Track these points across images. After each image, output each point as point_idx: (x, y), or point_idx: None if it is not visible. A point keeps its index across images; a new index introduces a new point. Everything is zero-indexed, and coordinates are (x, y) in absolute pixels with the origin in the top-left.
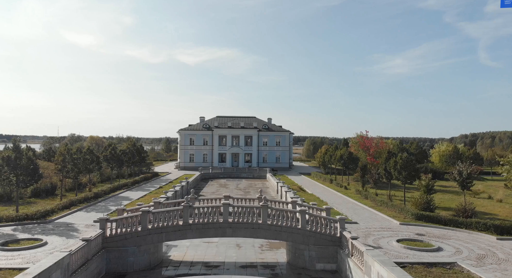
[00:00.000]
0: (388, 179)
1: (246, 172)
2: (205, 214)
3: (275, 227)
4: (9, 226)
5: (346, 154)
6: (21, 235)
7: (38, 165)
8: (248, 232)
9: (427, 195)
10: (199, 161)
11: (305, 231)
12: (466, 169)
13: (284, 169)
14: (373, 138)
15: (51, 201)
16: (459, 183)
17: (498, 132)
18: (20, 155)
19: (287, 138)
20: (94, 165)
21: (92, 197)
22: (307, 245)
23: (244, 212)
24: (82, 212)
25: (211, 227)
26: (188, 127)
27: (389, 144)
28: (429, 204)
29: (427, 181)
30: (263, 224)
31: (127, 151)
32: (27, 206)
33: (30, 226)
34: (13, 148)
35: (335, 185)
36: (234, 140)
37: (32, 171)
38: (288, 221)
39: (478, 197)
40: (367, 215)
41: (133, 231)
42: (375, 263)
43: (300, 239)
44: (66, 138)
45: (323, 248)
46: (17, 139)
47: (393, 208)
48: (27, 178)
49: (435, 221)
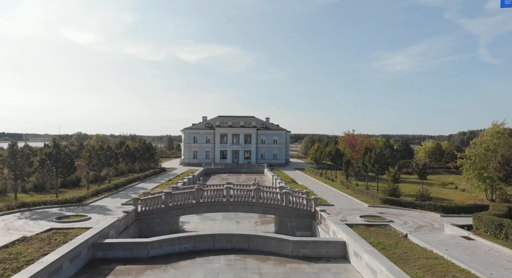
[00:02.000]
0: (365, 171)
1: (246, 168)
2: (212, 196)
3: (265, 205)
4: (54, 207)
5: (334, 151)
6: (68, 213)
7: (74, 159)
8: (245, 208)
9: (393, 183)
10: (202, 157)
11: (287, 208)
12: (421, 162)
13: (281, 165)
14: (359, 136)
15: (78, 191)
16: (417, 173)
17: None
18: (59, 151)
19: (284, 137)
20: (113, 160)
21: (113, 187)
22: (289, 218)
23: (242, 194)
24: (109, 198)
25: (217, 204)
26: (191, 126)
27: (373, 142)
28: (395, 191)
29: (393, 172)
30: (256, 202)
31: (139, 148)
32: (59, 194)
33: (71, 207)
34: (54, 146)
35: (324, 178)
36: (234, 138)
37: (69, 164)
38: (275, 200)
39: (446, 187)
40: (344, 200)
41: (158, 208)
42: (331, 224)
43: (284, 213)
44: (73, 136)
45: (301, 220)
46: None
47: (367, 195)
48: (64, 170)
49: (397, 204)
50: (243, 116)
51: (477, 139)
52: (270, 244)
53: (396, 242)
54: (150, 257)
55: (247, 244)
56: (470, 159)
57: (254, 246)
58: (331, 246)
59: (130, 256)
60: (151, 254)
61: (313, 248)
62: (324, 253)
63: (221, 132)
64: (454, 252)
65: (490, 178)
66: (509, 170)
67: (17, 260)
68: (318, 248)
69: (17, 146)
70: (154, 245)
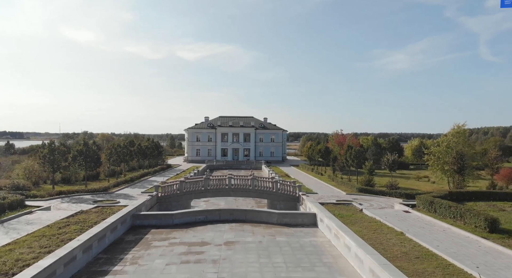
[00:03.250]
0: (347, 166)
1: (245, 164)
2: (217, 184)
3: (259, 191)
4: (86, 195)
5: (323, 149)
6: (99, 199)
7: (100, 155)
8: (243, 194)
9: (369, 175)
10: (205, 155)
11: (277, 193)
12: (391, 157)
13: (277, 162)
14: (347, 135)
15: (99, 183)
16: (387, 167)
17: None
18: (88, 148)
19: (281, 135)
20: (128, 157)
21: (129, 180)
22: (278, 201)
23: (241, 183)
24: (128, 188)
25: (221, 190)
26: (194, 126)
27: (358, 140)
28: (369, 182)
29: (369, 166)
30: (252, 189)
31: (149, 146)
32: (85, 185)
33: (100, 195)
34: (84, 144)
35: (315, 173)
36: (234, 137)
37: (96, 159)
38: (267, 187)
39: (420, 180)
40: (327, 189)
41: (174, 193)
42: (308, 203)
43: (274, 197)
44: (80, 135)
45: (288, 203)
46: (86, 136)
47: (347, 186)
48: (92, 164)
49: (370, 192)
50: (242, 117)
51: (440, 139)
52: (261, 216)
53: (352, 213)
54: (174, 224)
55: (245, 217)
56: (434, 155)
57: (250, 218)
58: (305, 217)
59: (159, 224)
60: (175, 222)
61: (292, 218)
62: (300, 221)
63: (222, 132)
64: (390, 219)
65: (449, 171)
66: (462, 164)
67: (87, 222)
68: (296, 218)
69: (55, 144)
70: (177, 216)
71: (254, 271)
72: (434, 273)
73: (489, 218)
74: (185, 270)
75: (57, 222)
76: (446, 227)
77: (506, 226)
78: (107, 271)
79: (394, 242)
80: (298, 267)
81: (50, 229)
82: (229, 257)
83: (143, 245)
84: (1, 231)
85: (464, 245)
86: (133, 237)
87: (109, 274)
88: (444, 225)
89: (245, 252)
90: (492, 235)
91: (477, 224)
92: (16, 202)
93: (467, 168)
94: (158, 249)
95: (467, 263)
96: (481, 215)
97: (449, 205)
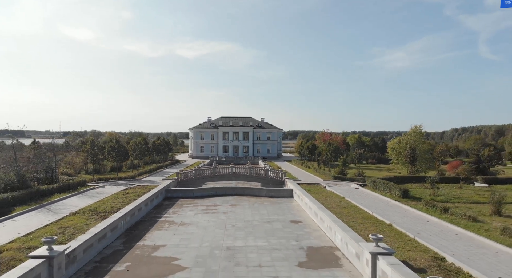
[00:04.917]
0: (328, 159)
1: (244, 160)
2: (222, 172)
3: (254, 176)
4: (120, 181)
5: (311, 145)
6: (131, 183)
7: (128, 150)
8: (242, 179)
9: (342, 166)
10: (208, 152)
11: (268, 178)
12: (358, 151)
13: (273, 158)
14: (332, 134)
15: (123, 173)
16: (356, 159)
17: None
18: (119, 145)
19: (276, 134)
20: (147, 152)
21: (148, 171)
22: (268, 184)
23: (240, 171)
24: (150, 177)
25: (225, 176)
26: (198, 126)
27: (341, 138)
28: (343, 171)
29: (343, 159)
30: (248, 175)
31: (162, 144)
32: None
33: (130, 181)
34: (115, 141)
35: (304, 166)
36: (234, 135)
37: (124, 154)
38: (260, 174)
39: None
40: (309, 178)
41: (190, 178)
42: (288, 183)
43: (265, 181)
44: (88, 133)
45: (275, 185)
46: (116, 135)
47: (326, 175)
48: (121, 157)
49: (342, 179)
50: (242, 117)
51: (401, 137)
52: (255, 191)
53: (318, 189)
54: (194, 196)
55: (243, 192)
56: (396, 150)
57: (246, 192)
58: (285, 191)
59: (184, 196)
60: (195, 195)
61: (276, 193)
62: (282, 195)
63: (223, 131)
64: (342, 192)
65: (405, 162)
66: (413, 156)
67: (138, 193)
68: (279, 193)
69: (95, 141)
70: (196, 191)
71: (248, 216)
72: (349, 213)
73: (402, 189)
74: (207, 216)
75: (119, 192)
76: (376, 196)
77: (413, 194)
78: (160, 216)
79: (335, 201)
80: (275, 214)
81: (117, 196)
82: (233, 211)
83: (177, 206)
84: (87, 197)
85: (378, 203)
86: (169, 202)
87: (162, 217)
88: (375, 194)
89: (243, 209)
90: (403, 199)
91: (396, 194)
92: (82, 182)
93: (417, 160)
94: (187, 207)
95: (371, 209)
96: (398, 187)
97: (383, 183)
